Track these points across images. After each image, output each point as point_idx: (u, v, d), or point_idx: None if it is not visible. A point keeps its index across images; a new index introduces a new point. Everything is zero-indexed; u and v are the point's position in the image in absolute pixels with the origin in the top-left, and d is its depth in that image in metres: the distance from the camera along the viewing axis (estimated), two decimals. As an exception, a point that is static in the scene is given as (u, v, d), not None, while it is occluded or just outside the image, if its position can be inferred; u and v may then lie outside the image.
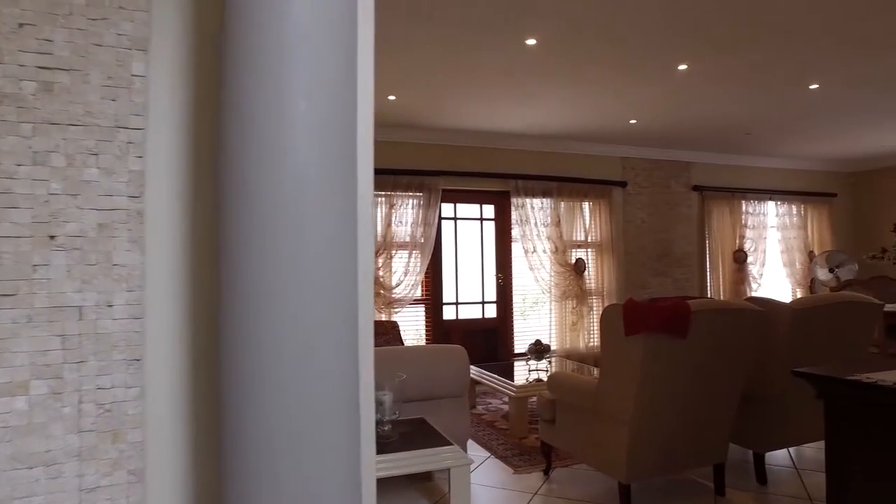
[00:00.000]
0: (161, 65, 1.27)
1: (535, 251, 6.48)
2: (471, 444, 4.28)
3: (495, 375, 4.79)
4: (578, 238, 6.77)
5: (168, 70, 1.28)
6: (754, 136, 6.66)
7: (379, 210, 5.95)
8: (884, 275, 7.13)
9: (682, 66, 4.32)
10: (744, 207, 7.72)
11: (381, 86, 4.76)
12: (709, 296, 7.45)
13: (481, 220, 6.62)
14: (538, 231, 6.51)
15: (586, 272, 6.73)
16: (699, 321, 2.74)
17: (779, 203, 8.08)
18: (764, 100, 5.20)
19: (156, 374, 1.25)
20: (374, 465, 1.29)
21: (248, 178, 1.03)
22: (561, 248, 6.58)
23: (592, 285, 6.86)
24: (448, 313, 6.39)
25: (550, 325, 6.66)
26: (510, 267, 6.62)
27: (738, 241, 7.59)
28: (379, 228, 5.93)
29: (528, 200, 6.51)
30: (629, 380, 2.75)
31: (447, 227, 6.45)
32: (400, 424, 2.87)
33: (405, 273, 5.99)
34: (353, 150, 1.12)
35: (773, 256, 7.99)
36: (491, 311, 6.59)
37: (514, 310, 6.63)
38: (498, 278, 6.60)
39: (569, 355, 6.56)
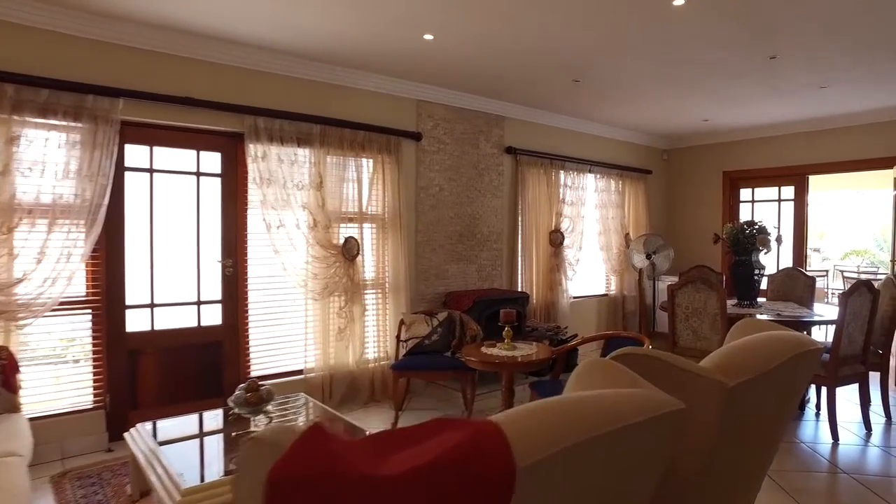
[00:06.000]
0: None
1: (283, 225, 4.32)
2: None
3: (162, 457, 2.57)
4: (350, 209, 4.73)
5: None
6: (582, 88, 5.17)
7: (-9, 146, 3.31)
8: (703, 264, 6.21)
9: None
10: (563, 179, 6.33)
11: None
12: (520, 288, 5.94)
13: (198, 174, 4.25)
14: (289, 196, 4.34)
15: (360, 257, 4.74)
16: (550, 473, 0.83)
17: (598, 176, 6.87)
18: (613, 21, 3.58)
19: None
20: None
21: None
22: (324, 221, 4.49)
23: (371, 275, 4.91)
24: (137, 322, 3.97)
25: (306, 334, 4.57)
26: (245, 248, 4.38)
27: (555, 220, 6.18)
28: (-10, 178, 3.30)
29: (274, 149, 4.30)
30: None
31: (136, 182, 3.98)
32: None
33: (40, 258, 3.44)
34: None
35: (590, 239, 6.78)
36: (213, 316, 4.29)
37: (251, 313, 4.42)
38: (225, 266, 4.32)
39: (332, 378, 4.56)
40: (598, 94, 5.38)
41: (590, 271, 6.91)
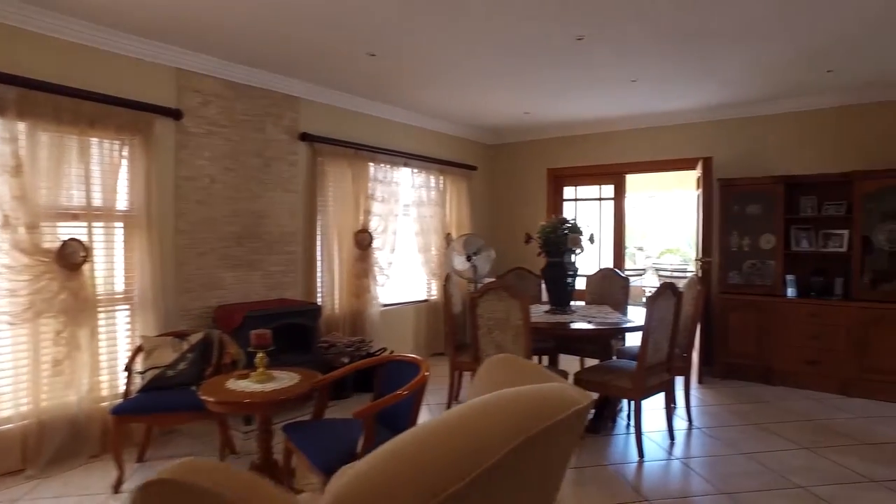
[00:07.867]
0: None
1: (-46, 224, 3.13)
2: None
3: None
4: (75, 202, 3.62)
5: None
6: (380, 64, 4.48)
7: None
8: (521, 266, 5.86)
9: None
10: (372, 172, 5.62)
11: None
12: (318, 299, 5.13)
13: None
14: (-33, 183, 3.16)
15: (90, 264, 3.64)
16: None
17: (416, 171, 6.28)
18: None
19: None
20: None
21: None
22: (26, 219, 3.35)
23: (112, 287, 3.82)
24: None
25: (6, 370, 3.40)
26: None
27: (363, 218, 5.45)
28: None
29: (-59, 117, 3.10)
30: None
31: None
32: None
33: None
34: None
35: (406, 240, 6.17)
36: None
37: None
38: None
39: (42, 428, 3.42)
40: (400, 72, 4.73)
41: (408, 276, 6.30)
